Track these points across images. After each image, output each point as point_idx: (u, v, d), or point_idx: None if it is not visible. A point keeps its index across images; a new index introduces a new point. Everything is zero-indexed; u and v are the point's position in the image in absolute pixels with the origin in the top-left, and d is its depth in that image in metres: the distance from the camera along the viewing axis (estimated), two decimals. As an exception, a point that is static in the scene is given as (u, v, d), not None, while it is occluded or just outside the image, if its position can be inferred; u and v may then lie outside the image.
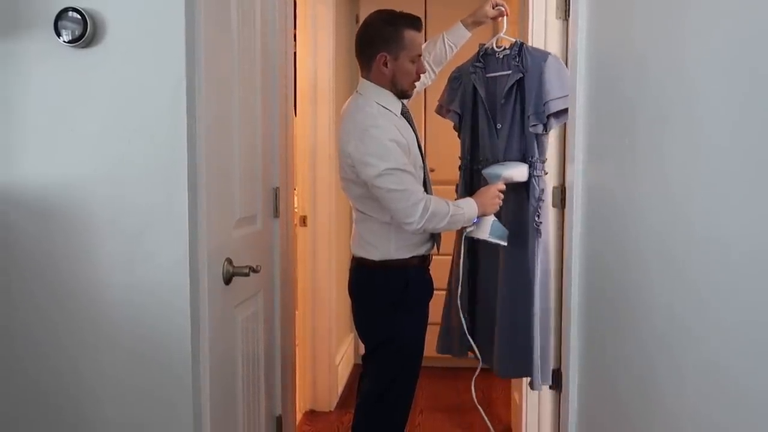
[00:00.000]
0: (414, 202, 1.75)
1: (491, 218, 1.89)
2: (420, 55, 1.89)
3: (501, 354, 2.01)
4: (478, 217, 1.87)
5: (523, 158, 1.96)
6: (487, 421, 2.07)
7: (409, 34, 1.85)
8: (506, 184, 1.94)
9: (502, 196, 1.90)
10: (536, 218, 1.90)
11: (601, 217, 1.36)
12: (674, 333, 0.93)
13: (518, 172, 1.91)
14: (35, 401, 1.38)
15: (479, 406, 2.02)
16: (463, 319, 2.01)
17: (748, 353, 0.72)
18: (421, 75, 2.11)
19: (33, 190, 1.35)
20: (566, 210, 1.59)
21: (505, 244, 1.92)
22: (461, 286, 2.03)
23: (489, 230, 1.88)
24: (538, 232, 1.91)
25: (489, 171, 1.94)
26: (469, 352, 2.08)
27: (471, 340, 2.01)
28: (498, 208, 1.89)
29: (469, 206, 1.85)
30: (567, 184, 1.58)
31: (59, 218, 1.34)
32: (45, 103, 1.33)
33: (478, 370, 2.01)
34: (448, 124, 2.25)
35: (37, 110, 1.34)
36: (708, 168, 0.82)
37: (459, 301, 2.02)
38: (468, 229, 1.91)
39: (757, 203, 0.69)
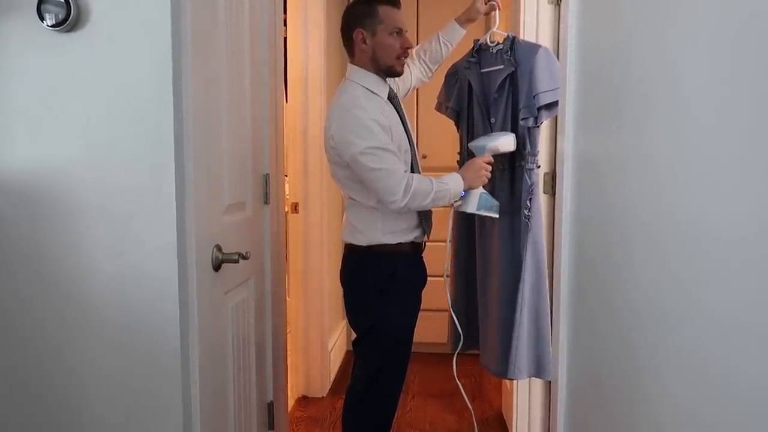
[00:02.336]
0: (396, 181, 1.75)
1: (479, 191, 1.89)
2: (402, 30, 1.87)
3: (498, 352, 2.02)
4: (465, 191, 1.88)
5: (517, 152, 1.95)
6: (467, 401, 2.08)
7: (385, 9, 1.85)
8: (499, 170, 1.94)
9: (489, 168, 1.89)
10: (526, 211, 1.89)
11: (590, 204, 1.35)
12: (656, 319, 0.94)
13: (503, 142, 1.89)
14: (20, 392, 1.38)
15: (459, 383, 2.04)
16: (452, 312, 2.02)
17: (729, 338, 0.72)
18: (420, 73, 2.13)
19: (17, 176, 1.33)
20: (556, 197, 1.59)
21: (496, 215, 1.91)
22: (453, 274, 2.03)
23: (477, 203, 1.87)
24: (527, 225, 1.91)
25: (474, 144, 1.94)
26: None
27: (460, 330, 2.02)
28: (486, 180, 1.89)
29: (454, 181, 1.85)
30: (557, 171, 1.57)
31: (44, 205, 1.33)
32: (29, 88, 1.32)
33: (456, 353, 2.02)
34: (440, 115, 2.25)
35: (20, 95, 1.32)
36: (692, 154, 0.82)
37: (447, 291, 2.03)
38: (456, 204, 1.91)
39: (741, 189, 0.69)
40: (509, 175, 1.98)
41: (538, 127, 1.92)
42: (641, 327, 1.00)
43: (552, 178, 2.15)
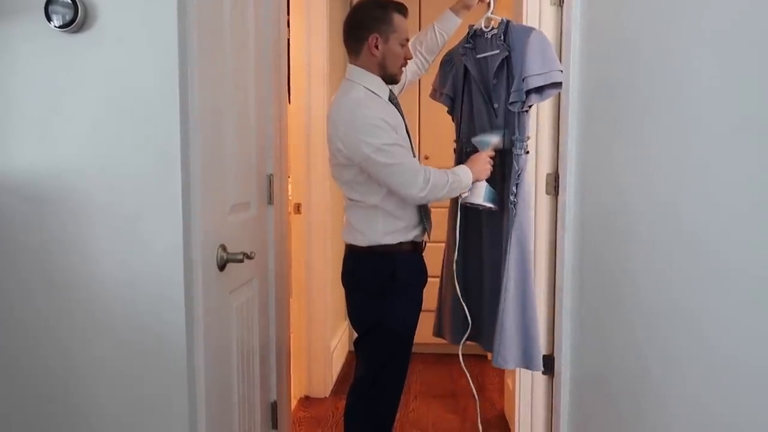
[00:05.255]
0: (413, 173, 1.79)
1: (483, 183, 1.94)
2: (408, 40, 1.91)
3: (496, 340, 2.00)
4: (471, 183, 1.92)
5: (506, 138, 1.95)
6: (472, 386, 2.08)
7: (398, 18, 1.88)
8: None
9: (492, 162, 1.93)
10: (512, 197, 1.88)
11: (593, 204, 1.36)
12: (662, 318, 0.94)
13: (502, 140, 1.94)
14: (27, 391, 1.38)
15: (465, 370, 2.03)
16: (461, 300, 2.00)
17: (738, 339, 0.73)
18: (415, 65, 2.13)
19: (25, 177, 1.34)
20: (559, 197, 1.59)
21: (497, 208, 1.95)
22: (456, 264, 2.02)
23: (483, 195, 1.92)
24: (513, 210, 1.88)
25: (479, 139, 1.97)
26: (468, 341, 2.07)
27: (468, 321, 2.00)
28: (489, 173, 1.93)
29: (464, 173, 1.89)
30: (560, 171, 1.58)
31: (52, 205, 1.34)
32: (36, 89, 1.32)
33: (463, 341, 2.02)
34: (442, 112, 2.25)
35: (28, 96, 1.33)
36: (698, 154, 0.83)
37: (456, 281, 2.01)
38: (463, 195, 1.95)
39: (747, 191, 0.70)
40: (499, 162, 1.97)
41: (526, 111, 1.89)
42: (649, 326, 1.01)
43: (555, 179, 2.16)
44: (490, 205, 1.94)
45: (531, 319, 1.89)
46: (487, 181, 1.94)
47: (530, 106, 1.89)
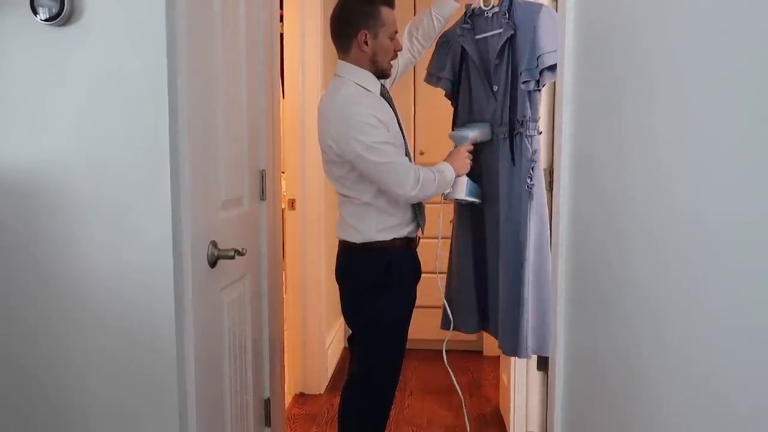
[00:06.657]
0: (404, 172, 1.78)
1: (465, 178, 1.93)
2: (396, 32, 1.89)
3: (502, 328, 1.96)
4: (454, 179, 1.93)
5: (516, 120, 1.90)
6: (457, 386, 2.08)
7: (386, 11, 1.86)
8: (499, 139, 1.93)
9: (471, 156, 1.93)
10: (528, 180, 1.83)
11: (588, 197, 1.35)
12: (658, 313, 0.93)
13: (482, 132, 1.93)
14: (20, 384, 1.37)
15: (450, 369, 2.04)
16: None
17: (726, 336, 0.72)
18: (410, 53, 2.10)
19: (10, 170, 1.32)
20: (553, 191, 1.57)
21: (480, 201, 1.95)
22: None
23: (465, 190, 1.92)
24: (530, 194, 1.83)
25: (457, 134, 1.96)
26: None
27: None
28: (468, 168, 1.93)
29: (447, 169, 1.89)
30: (554, 162, 1.56)
31: (41, 199, 1.32)
32: (22, 82, 1.31)
33: (448, 336, 2.03)
34: (439, 105, 2.21)
35: (14, 90, 1.31)
36: (694, 148, 0.81)
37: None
38: (446, 192, 1.95)
39: (743, 185, 0.69)
40: (508, 144, 1.89)
41: (539, 90, 1.84)
42: (645, 322, 1.00)
43: (549, 173, 2.14)
44: (473, 199, 1.93)
45: (547, 304, 1.86)
46: (469, 175, 1.93)
47: (543, 85, 1.85)
